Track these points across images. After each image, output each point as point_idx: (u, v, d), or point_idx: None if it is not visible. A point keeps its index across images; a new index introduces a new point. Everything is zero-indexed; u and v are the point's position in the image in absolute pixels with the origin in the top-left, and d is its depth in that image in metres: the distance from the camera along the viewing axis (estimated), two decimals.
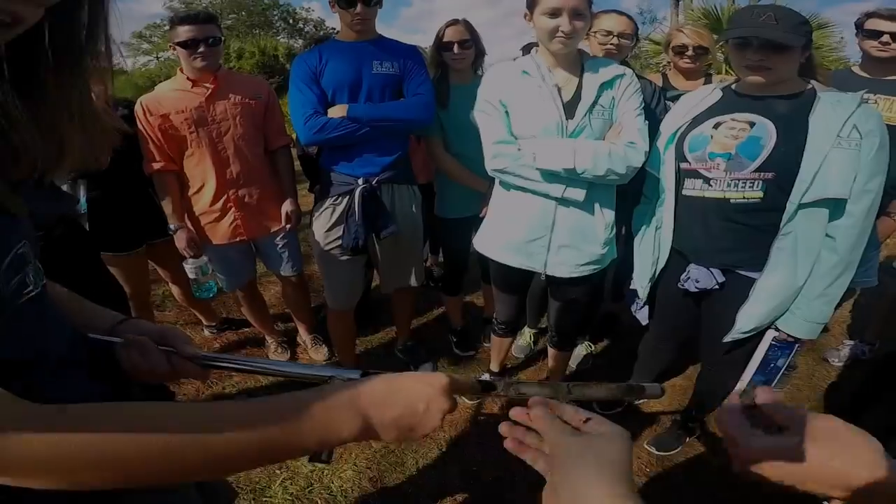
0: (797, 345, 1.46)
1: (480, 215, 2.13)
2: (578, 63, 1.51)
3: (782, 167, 1.26)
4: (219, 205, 2.03)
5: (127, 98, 2.39)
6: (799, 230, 1.30)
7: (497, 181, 1.68)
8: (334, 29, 1.92)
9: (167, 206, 2.00)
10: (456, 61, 2.03)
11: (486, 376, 2.34)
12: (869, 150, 1.21)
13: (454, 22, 2.05)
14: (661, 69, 2.48)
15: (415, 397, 0.55)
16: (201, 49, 1.84)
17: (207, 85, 1.91)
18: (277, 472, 1.89)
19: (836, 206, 1.27)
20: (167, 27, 1.93)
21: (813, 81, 1.34)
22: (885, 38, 1.86)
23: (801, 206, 1.27)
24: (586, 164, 1.39)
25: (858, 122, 1.22)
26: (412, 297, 2.39)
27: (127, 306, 1.96)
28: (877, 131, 1.22)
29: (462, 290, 2.59)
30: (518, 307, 1.96)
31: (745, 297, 1.42)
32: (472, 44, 2.04)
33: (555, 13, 1.33)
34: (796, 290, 1.37)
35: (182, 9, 22.86)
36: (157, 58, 22.35)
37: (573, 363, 2.45)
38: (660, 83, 2.20)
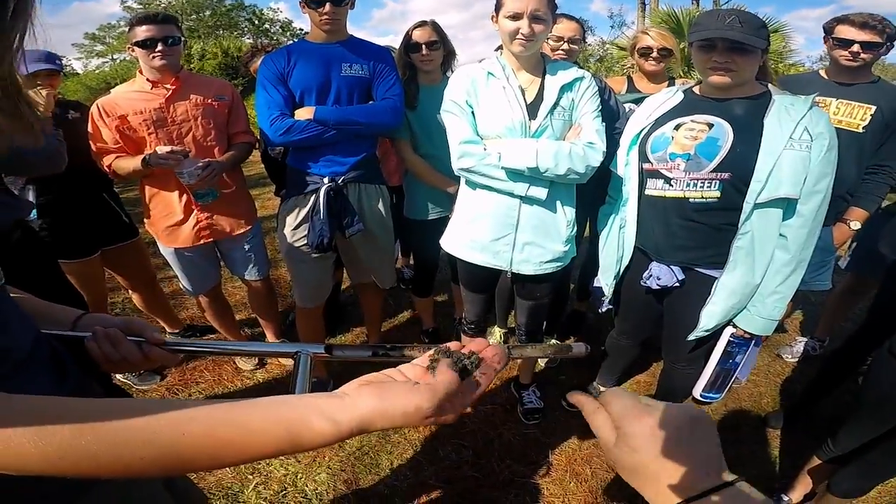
0: (753, 341, 1.52)
1: (451, 215, 2.15)
2: (541, 65, 1.55)
3: (738, 167, 1.31)
4: (181, 207, 1.97)
5: (77, 101, 2.29)
6: (755, 229, 1.35)
7: (463, 181, 1.70)
8: (302, 30, 1.87)
9: (132, 160, 1.83)
10: (424, 63, 2.03)
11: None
12: (819, 151, 1.27)
13: (422, 24, 2.05)
14: (625, 72, 2.54)
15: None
16: (160, 48, 1.79)
17: (168, 86, 1.86)
18: (250, 476, 1.86)
19: (788, 206, 1.33)
20: (123, 28, 1.87)
21: (769, 85, 1.39)
22: (856, 48, 1.78)
23: (757, 205, 1.31)
24: (548, 164, 1.43)
25: (809, 125, 1.27)
26: (381, 298, 2.38)
27: (87, 311, 1.86)
28: (826, 134, 1.27)
29: (433, 291, 2.59)
30: (486, 306, 1.98)
31: (704, 295, 1.47)
32: (441, 45, 2.04)
33: (516, 16, 1.39)
34: (754, 287, 1.42)
35: (140, 9, 22.08)
36: (113, 59, 21.42)
37: (542, 361, 2.49)
38: (624, 86, 2.27)
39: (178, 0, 23.38)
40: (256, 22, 25.00)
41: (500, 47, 2.51)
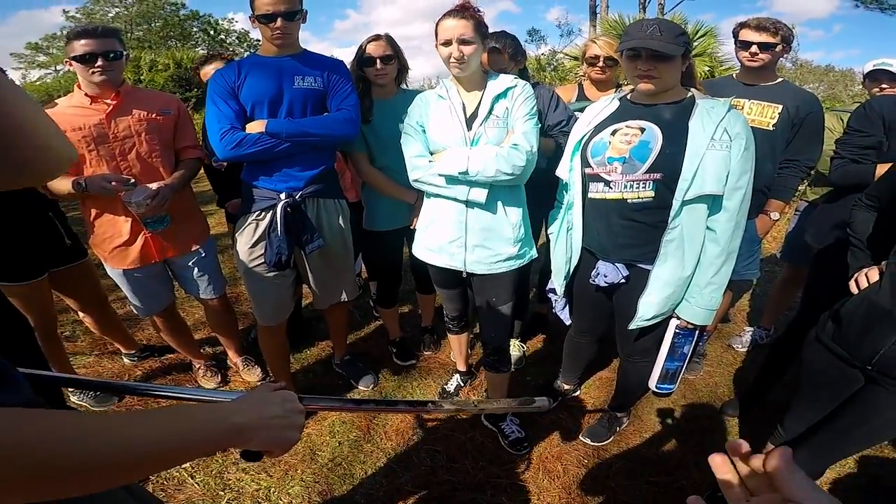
0: (697, 331, 1.61)
1: (411, 226, 2.16)
2: (483, 81, 1.66)
3: (668, 168, 1.40)
4: (127, 227, 1.91)
5: None
6: (684, 224, 1.44)
7: (424, 193, 1.80)
8: (259, 41, 1.86)
9: (67, 181, 1.76)
10: (378, 77, 2.03)
11: (455, 378, 2.38)
12: (738, 151, 1.37)
13: (376, 37, 2.05)
14: (577, 80, 2.62)
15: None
16: (99, 63, 1.73)
17: (108, 101, 1.81)
18: (221, 493, 1.83)
19: (713, 202, 1.43)
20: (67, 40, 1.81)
21: (692, 89, 1.50)
22: (754, 48, 1.93)
23: (685, 202, 1.41)
24: (478, 167, 1.55)
25: (728, 126, 1.37)
26: (346, 311, 2.36)
27: (32, 337, 1.77)
28: (743, 134, 1.38)
29: (397, 301, 2.59)
30: (462, 300, 2.05)
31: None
32: (395, 59, 2.05)
33: (447, 43, 1.53)
34: (686, 278, 1.51)
35: (83, 20, 21.19)
36: (56, 70, 20.42)
37: (514, 367, 2.53)
38: (575, 94, 2.36)
39: (128, 10, 22.63)
40: (212, 32, 24.43)
41: None
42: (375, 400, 2.14)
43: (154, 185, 1.84)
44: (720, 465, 0.52)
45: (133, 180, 1.82)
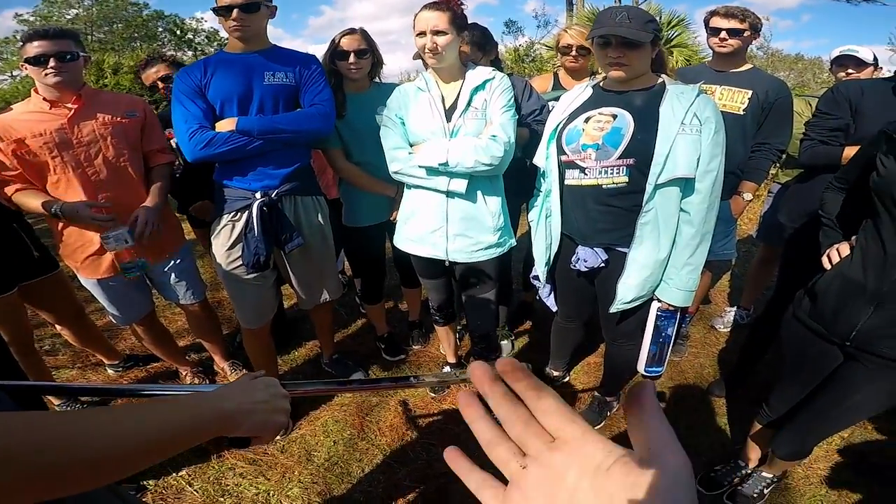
0: (678, 313, 1.63)
1: (392, 219, 2.15)
2: (462, 73, 1.68)
3: (640, 153, 1.42)
4: (96, 236, 1.83)
5: None
6: (658, 207, 1.46)
7: (405, 185, 1.81)
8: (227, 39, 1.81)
9: (37, 200, 1.73)
10: (352, 71, 1.99)
11: (446, 369, 2.38)
12: (708, 134, 1.39)
13: (351, 31, 2.00)
14: (554, 69, 2.61)
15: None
16: (52, 65, 1.67)
17: (69, 105, 1.74)
18: (221, 499, 1.81)
19: (686, 185, 1.45)
20: (21, 43, 1.74)
21: (663, 76, 1.51)
22: (723, 34, 2.01)
23: (658, 186, 1.43)
24: (457, 158, 1.59)
25: (697, 111, 1.39)
26: (331, 310, 2.34)
27: (7, 353, 1.70)
28: (713, 118, 1.40)
29: (382, 297, 2.58)
30: (446, 290, 2.07)
31: None
32: (370, 53, 2.01)
33: (421, 34, 1.57)
34: (662, 260, 1.54)
35: (37, 23, 20.36)
36: (13, 76, 19.58)
37: (504, 356, 2.53)
38: (551, 83, 2.36)
39: (87, 12, 21.81)
40: (178, 32, 23.69)
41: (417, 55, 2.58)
42: (358, 380, 2.17)
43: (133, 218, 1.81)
44: (468, 409, 0.33)
45: (114, 217, 1.78)
